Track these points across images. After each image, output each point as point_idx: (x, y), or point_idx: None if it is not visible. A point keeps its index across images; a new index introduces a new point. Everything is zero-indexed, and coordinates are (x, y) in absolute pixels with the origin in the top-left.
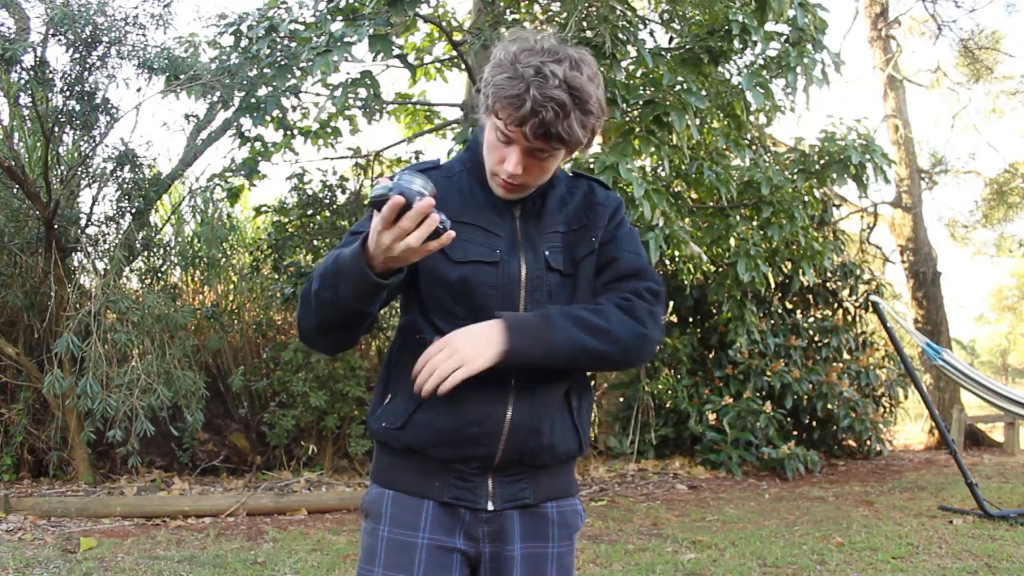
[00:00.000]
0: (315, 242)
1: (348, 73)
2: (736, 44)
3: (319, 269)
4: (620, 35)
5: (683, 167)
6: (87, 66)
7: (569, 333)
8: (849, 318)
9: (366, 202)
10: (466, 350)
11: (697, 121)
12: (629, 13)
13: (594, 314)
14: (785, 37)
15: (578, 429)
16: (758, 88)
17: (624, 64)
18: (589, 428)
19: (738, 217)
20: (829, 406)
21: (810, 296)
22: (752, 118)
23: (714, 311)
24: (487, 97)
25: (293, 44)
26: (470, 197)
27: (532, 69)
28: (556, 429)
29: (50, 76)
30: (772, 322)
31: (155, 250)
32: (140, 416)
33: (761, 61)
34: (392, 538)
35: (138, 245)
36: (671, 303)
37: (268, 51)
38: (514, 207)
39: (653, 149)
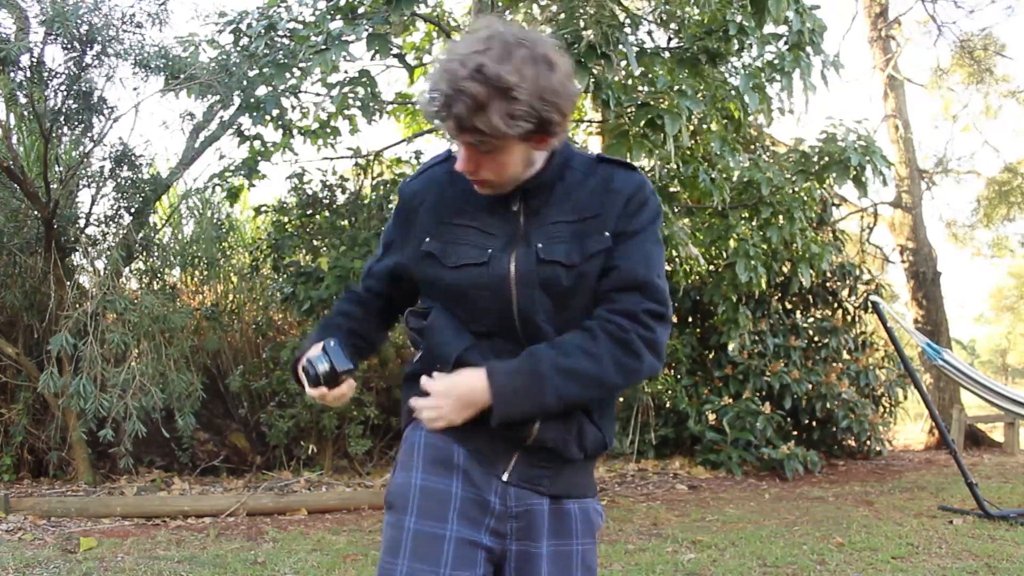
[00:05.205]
0: (315, 242)
1: (347, 72)
2: (734, 45)
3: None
4: (614, 35)
5: (678, 168)
6: (83, 65)
7: (560, 390)
8: (849, 318)
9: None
10: (450, 410)
11: (691, 126)
12: (621, 14)
13: (588, 358)
14: (784, 39)
15: (600, 426)
16: (754, 90)
17: (623, 64)
18: (613, 425)
19: (738, 218)
20: (828, 407)
21: (810, 296)
22: (752, 119)
23: (713, 311)
24: None
25: (292, 43)
26: (471, 196)
27: (449, 64)
28: (586, 426)
29: (47, 76)
30: (771, 322)
31: (154, 250)
32: (133, 417)
33: (759, 64)
34: (419, 530)
35: (137, 245)
36: None
37: (267, 50)
38: (512, 203)
39: (646, 153)
